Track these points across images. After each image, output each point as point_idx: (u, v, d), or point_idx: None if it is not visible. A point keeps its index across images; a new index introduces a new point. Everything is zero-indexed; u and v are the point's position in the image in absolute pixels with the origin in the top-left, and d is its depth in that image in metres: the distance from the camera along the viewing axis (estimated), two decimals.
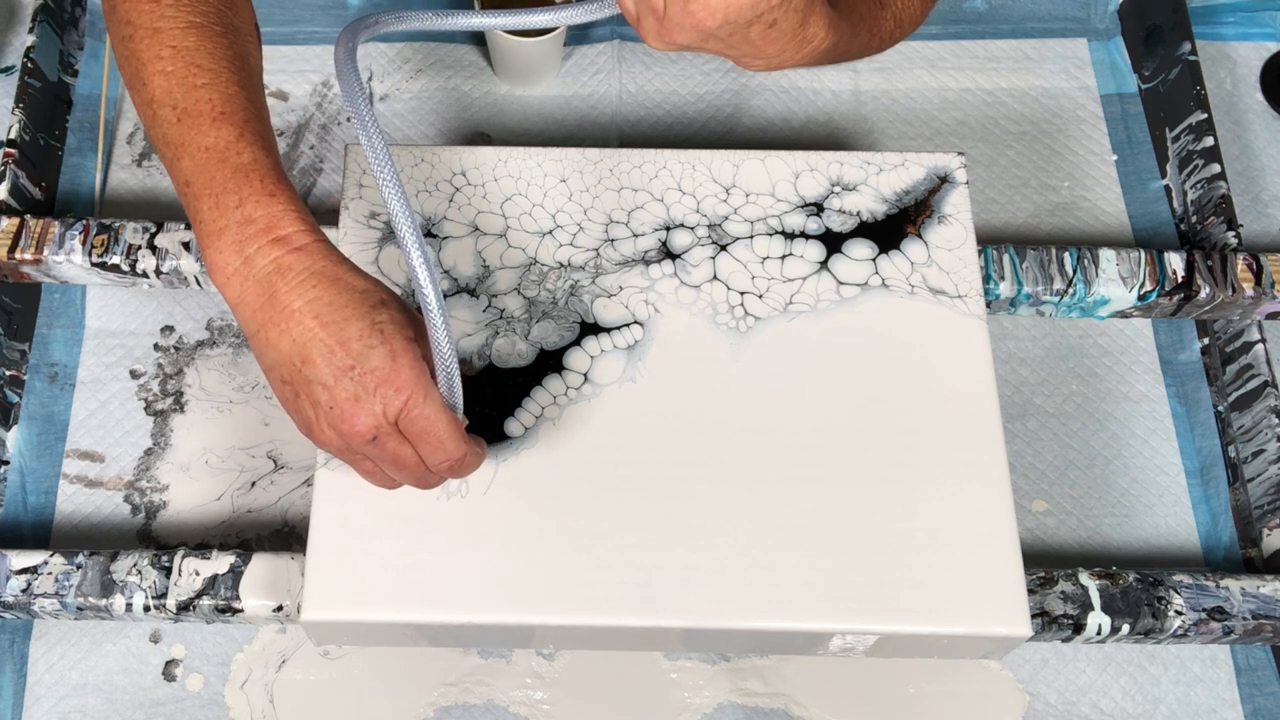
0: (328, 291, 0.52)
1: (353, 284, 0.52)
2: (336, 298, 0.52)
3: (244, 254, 0.51)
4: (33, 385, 0.78)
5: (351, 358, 0.51)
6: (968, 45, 0.94)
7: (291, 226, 0.52)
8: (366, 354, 0.51)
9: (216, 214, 0.52)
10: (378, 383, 0.51)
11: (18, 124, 0.81)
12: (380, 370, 0.51)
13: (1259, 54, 0.95)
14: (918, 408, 0.66)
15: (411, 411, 0.52)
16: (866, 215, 0.72)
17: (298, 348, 0.51)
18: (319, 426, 0.52)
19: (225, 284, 0.52)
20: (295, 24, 0.92)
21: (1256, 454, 0.77)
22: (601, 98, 0.90)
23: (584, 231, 0.71)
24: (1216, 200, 0.83)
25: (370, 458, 0.54)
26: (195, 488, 0.75)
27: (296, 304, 0.51)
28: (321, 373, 0.51)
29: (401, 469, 0.55)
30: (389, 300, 0.53)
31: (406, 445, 0.53)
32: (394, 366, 0.51)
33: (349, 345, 0.51)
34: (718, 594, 0.61)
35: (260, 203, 0.52)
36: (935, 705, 0.71)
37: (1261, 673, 0.74)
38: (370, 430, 0.52)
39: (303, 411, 0.53)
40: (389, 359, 0.51)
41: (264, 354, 0.53)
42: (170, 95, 0.54)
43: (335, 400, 0.51)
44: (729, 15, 0.49)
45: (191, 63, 0.54)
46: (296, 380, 0.52)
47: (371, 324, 0.51)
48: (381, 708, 0.70)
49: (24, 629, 0.71)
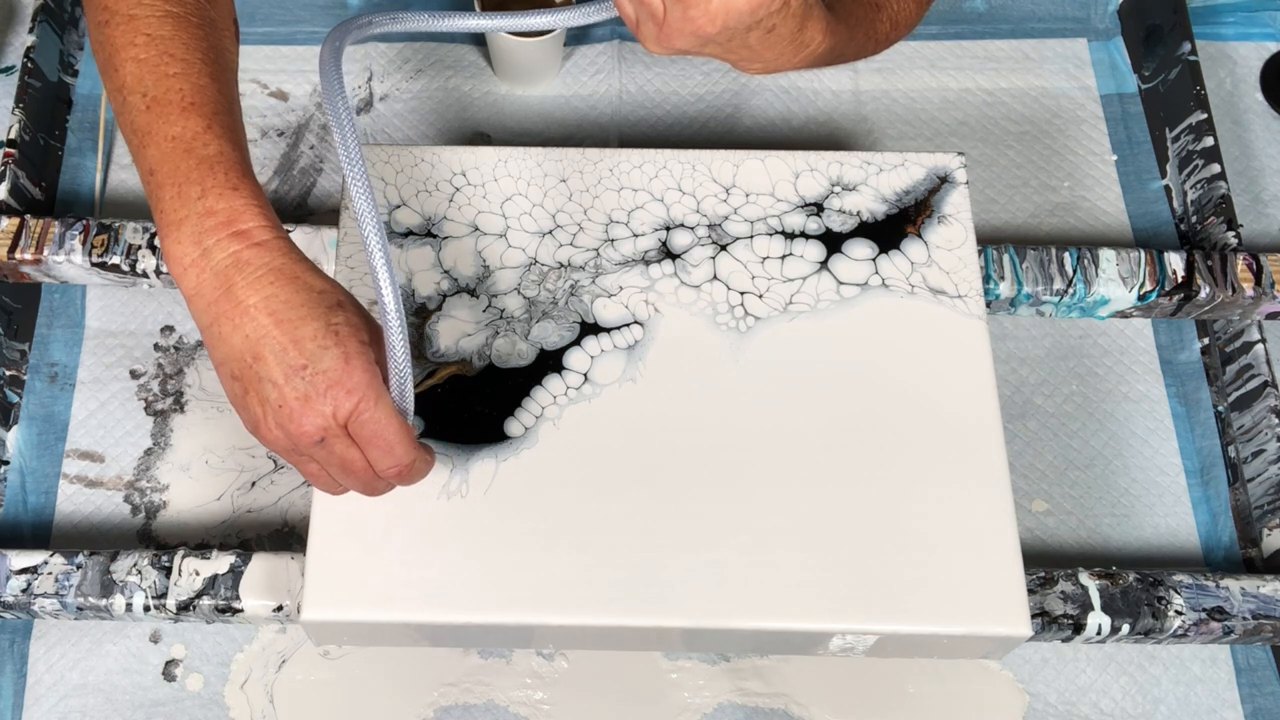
0: (285, 289, 0.51)
1: (311, 284, 0.52)
2: (294, 296, 0.51)
3: (203, 245, 0.51)
4: (33, 385, 0.78)
5: (304, 357, 0.50)
6: (968, 45, 0.94)
7: (253, 221, 0.51)
8: (320, 354, 0.50)
9: (178, 204, 0.51)
10: (329, 384, 0.50)
11: (18, 124, 0.81)
12: (332, 371, 0.50)
13: (1259, 54, 0.95)
14: (918, 408, 0.66)
15: (362, 415, 0.51)
16: (866, 215, 0.72)
17: (250, 344, 0.50)
18: (266, 425, 0.51)
19: (182, 275, 0.51)
20: (295, 24, 0.92)
21: (1256, 454, 0.77)
22: (601, 98, 0.90)
23: (584, 231, 0.71)
24: (1216, 200, 0.83)
25: (317, 460, 0.54)
26: (195, 488, 0.75)
27: (252, 300, 0.50)
28: (272, 370, 0.50)
29: (348, 474, 0.54)
30: (346, 302, 0.53)
31: (354, 449, 0.53)
32: (346, 369, 0.50)
33: (302, 344, 0.50)
34: (718, 594, 0.61)
35: (223, 195, 0.51)
36: (935, 705, 0.71)
37: (1261, 673, 0.74)
38: (318, 431, 0.51)
39: (251, 409, 0.52)
40: (342, 360, 0.50)
41: (216, 348, 0.52)
42: (141, 82, 0.53)
43: (285, 399, 0.50)
44: (728, 21, 0.49)
45: (165, 51, 0.53)
46: (247, 377, 0.51)
47: (327, 325, 0.51)
48: (381, 708, 0.70)
49: (24, 629, 0.71)
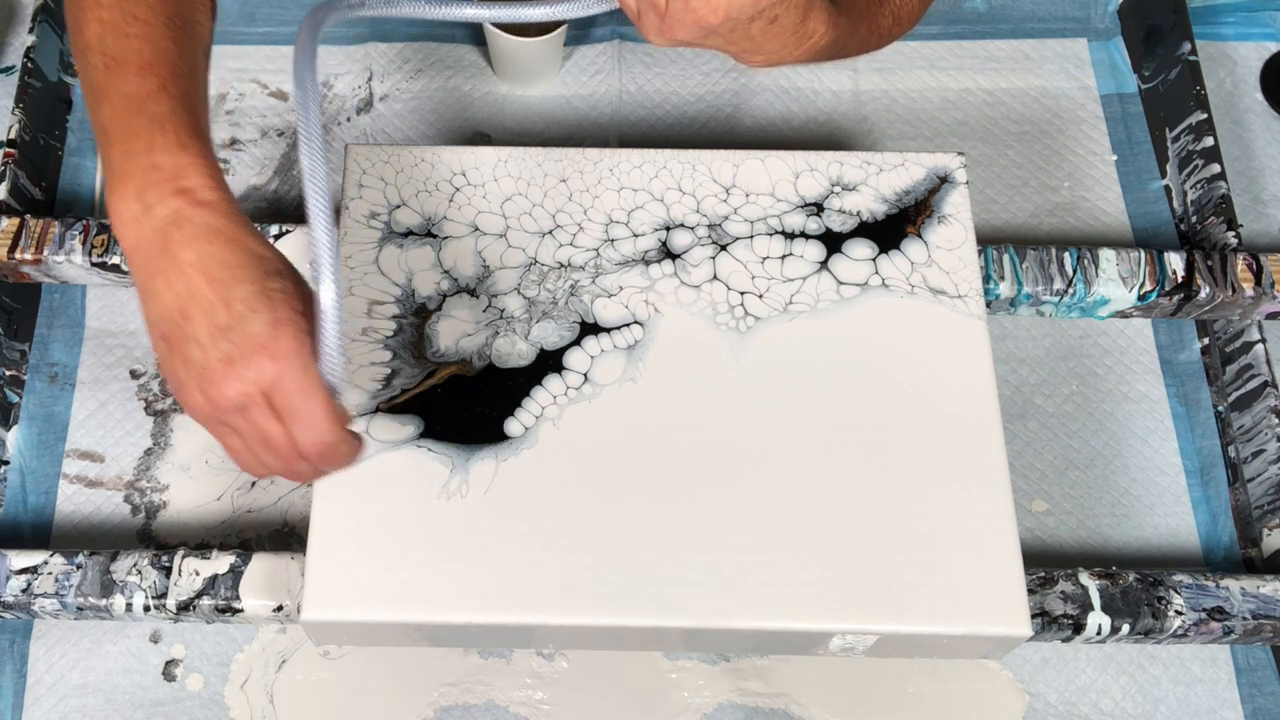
0: (223, 249, 0.50)
1: (251, 247, 0.50)
2: (230, 257, 0.49)
3: (145, 201, 0.50)
4: (33, 385, 0.78)
5: (232, 318, 0.48)
6: (968, 45, 0.94)
7: (198, 180, 0.50)
8: (248, 316, 0.49)
9: (125, 160, 0.51)
10: (254, 348, 0.48)
11: (18, 124, 0.81)
12: (259, 336, 0.48)
13: (1259, 54, 0.95)
14: (918, 408, 0.66)
15: (285, 384, 0.49)
16: (866, 215, 0.72)
17: (180, 302, 0.49)
18: (188, 389, 0.50)
19: (124, 232, 0.50)
20: (295, 24, 0.92)
21: (1256, 454, 0.77)
22: (601, 98, 0.90)
23: (584, 231, 0.71)
24: (1216, 200, 0.83)
25: (239, 432, 0.51)
26: (195, 488, 0.75)
27: (188, 257, 0.49)
28: (199, 330, 0.49)
29: (270, 449, 0.52)
30: (285, 271, 0.51)
31: (276, 423, 0.50)
32: (274, 334, 0.49)
33: (232, 305, 0.49)
34: (718, 594, 0.61)
35: (170, 152, 0.50)
36: (935, 705, 0.71)
37: (1261, 673, 0.74)
38: (239, 397, 0.49)
39: (176, 372, 0.50)
40: (270, 326, 0.49)
41: (148, 306, 0.50)
42: (102, 42, 0.53)
43: (208, 360, 0.49)
44: (731, 12, 0.49)
45: (129, 13, 0.53)
46: (174, 337, 0.49)
47: (262, 289, 0.49)
48: (381, 708, 0.70)
49: (24, 629, 0.71)
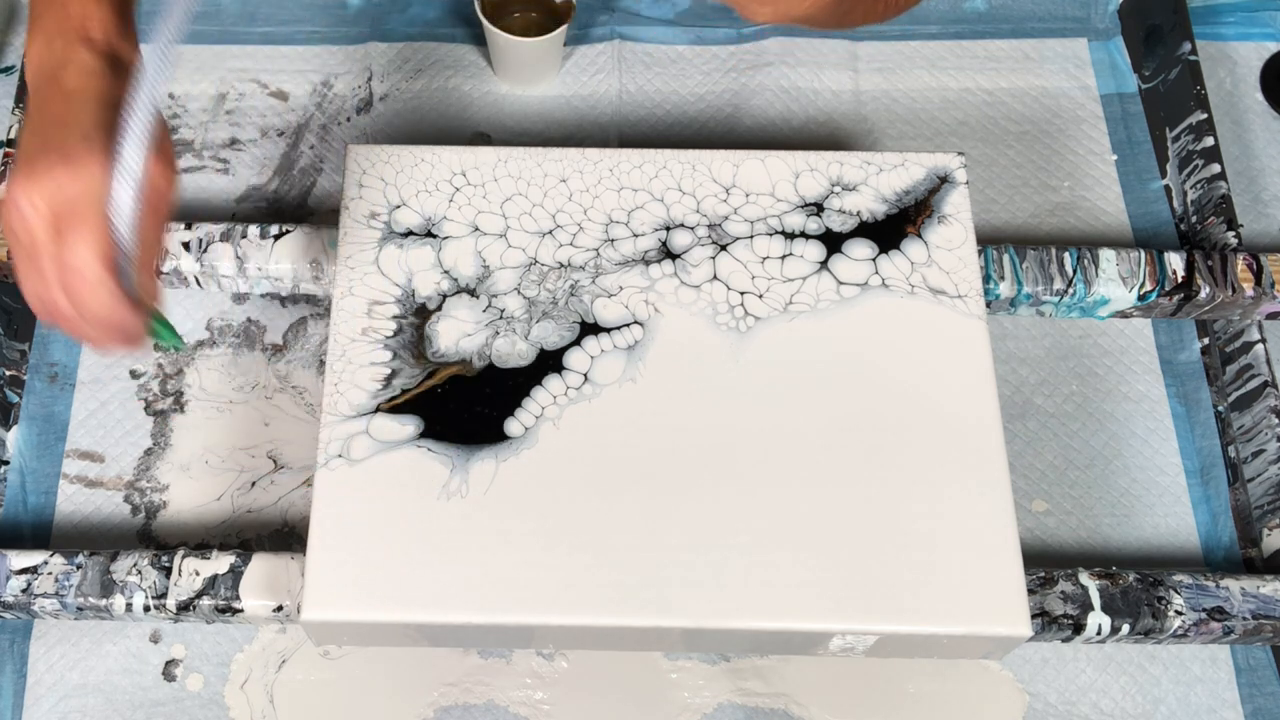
0: (99, 83, 0.51)
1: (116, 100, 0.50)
2: (102, 96, 0.50)
3: (51, 46, 0.52)
4: (33, 385, 0.78)
5: (61, 136, 0.49)
6: (968, 45, 0.94)
7: (101, 33, 0.52)
8: (75, 139, 0.49)
9: (43, 9, 0.53)
10: (62, 159, 0.48)
11: (18, 124, 0.81)
12: (73, 151, 0.49)
13: (1259, 54, 0.95)
14: (918, 408, 0.66)
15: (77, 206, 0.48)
16: (866, 215, 0.72)
17: (33, 125, 0.50)
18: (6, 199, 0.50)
19: (30, 76, 0.53)
20: (295, 24, 0.92)
21: (1256, 454, 0.77)
22: (601, 98, 0.90)
23: (584, 231, 0.71)
24: (1216, 200, 0.83)
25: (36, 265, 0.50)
26: (195, 488, 0.75)
27: (70, 86, 0.51)
28: (29, 142, 0.50)
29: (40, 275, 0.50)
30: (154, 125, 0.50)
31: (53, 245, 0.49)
32: (88, 155, 0.49)
33: (69, 126, 0.49)
34: (718, 594, 0.61)
35: (84, 4, 0.53)
36: (935, 705, 0.71)
37: (1261, 673, 0.74)
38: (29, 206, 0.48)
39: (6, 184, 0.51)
40: (87, 149, 0.49)
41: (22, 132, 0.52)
42: None
43: (18, 167, 0.49)
44: None
45: None
46: (18, 156, 0.50)
47: (108, 123, 0.49)
48: (381, 708, 0.70)
49: (24, 629, 0.71)
